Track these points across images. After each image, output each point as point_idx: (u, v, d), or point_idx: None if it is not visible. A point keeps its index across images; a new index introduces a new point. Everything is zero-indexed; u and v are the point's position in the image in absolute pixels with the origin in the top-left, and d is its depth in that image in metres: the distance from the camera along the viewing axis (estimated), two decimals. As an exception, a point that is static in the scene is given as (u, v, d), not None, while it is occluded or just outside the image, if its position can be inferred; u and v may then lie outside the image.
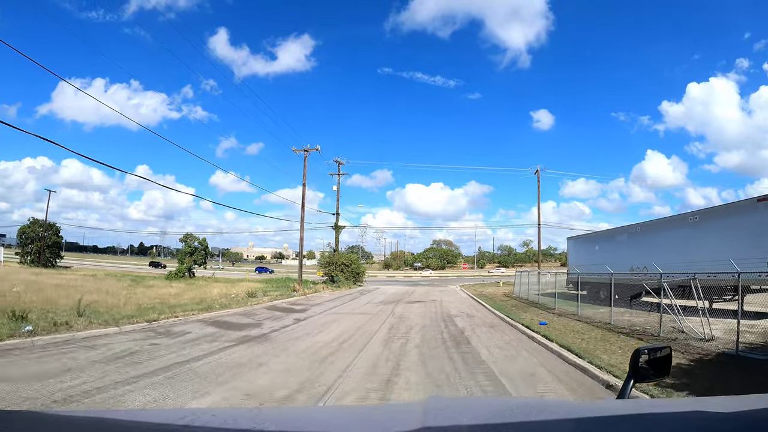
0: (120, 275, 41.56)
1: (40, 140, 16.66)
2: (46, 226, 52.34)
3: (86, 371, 7.13)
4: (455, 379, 7.20)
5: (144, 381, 6.70)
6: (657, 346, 1.95)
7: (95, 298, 17.22)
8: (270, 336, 11.60)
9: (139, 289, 25.46)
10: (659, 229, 16.45)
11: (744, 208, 12.84)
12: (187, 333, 11.64)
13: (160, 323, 12.96)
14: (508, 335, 12.29)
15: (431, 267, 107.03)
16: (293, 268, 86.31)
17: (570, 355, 8.70)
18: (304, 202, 32.88)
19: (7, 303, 13.04)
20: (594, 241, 22.54)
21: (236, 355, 8.99)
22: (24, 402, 5.39)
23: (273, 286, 31.17)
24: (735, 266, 8.54)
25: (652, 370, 1.86)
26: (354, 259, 45.16)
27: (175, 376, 7.14)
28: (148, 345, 9.80)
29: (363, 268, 46.04)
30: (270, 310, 18.10)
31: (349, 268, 40.56)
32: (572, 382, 7.18)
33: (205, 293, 23.98)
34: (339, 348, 9.98)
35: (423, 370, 7.83)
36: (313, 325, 14.18)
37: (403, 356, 9.07)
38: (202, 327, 12.82)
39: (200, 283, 34.25)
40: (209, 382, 6.78)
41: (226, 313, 16.36)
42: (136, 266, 70.13)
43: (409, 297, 28.09)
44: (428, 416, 1.15)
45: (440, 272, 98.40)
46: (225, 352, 9.18)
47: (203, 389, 6.38)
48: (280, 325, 13.73)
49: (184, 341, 10.46)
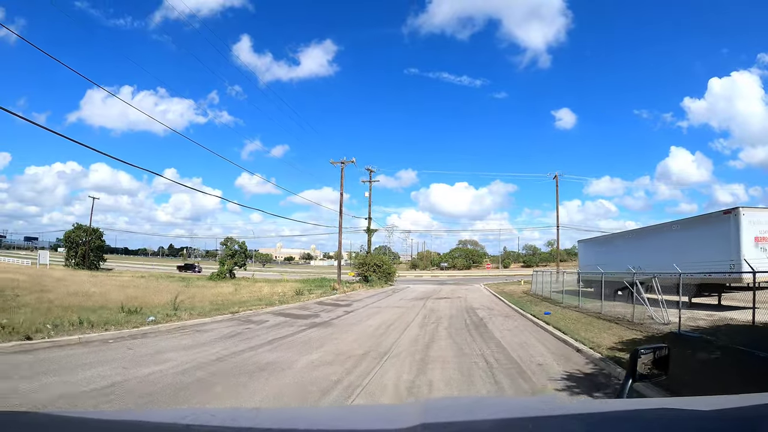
0: (165, 276, 45.97)
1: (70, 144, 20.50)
2: (90, 231, 57.44)
3: (217, 344, 10.59)
4: (473, 345, 10.48)
5: (262, 348, 10.14)
6: (655, 345, 1.99)
7: (167, 297, 20.94)
8: (331, 322, 15.06)
9: (194, 289, 29.02)
10: (650, 236, 19.29)
11: (713, 219, 15.61)
12: (265, 321, 15.17)
13: (240, 315, 16.53)
14: (517, 322, 15.45)
15: (457, 267, 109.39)
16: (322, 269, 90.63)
17: (558, 332, 11.85)
18: (342, 210, 36.61)
19: (107, 301, 16.88)
20: (599, 244, 25.38)
21: (313, 334, 12.45)
22: (215, 361, 8.79)
23: (311, 285, 34.79)
24: (677, 268, 11.48)
25: (651, 369, 1.90)
26: (385, 260, 48.66)
27: (280, 345, 10.59)
28: (243, 329, 13.31)
29: (394, 268, 49.50)
30: (320, 305, 21.63)
31: (381, 269, 44.03)
32: (553, 348, 10.34)
33: (258, 292, 27.69)
34: (387, 330, 13.35)
35: (450, 340, 11.15)
36: (360, 315, 17.61)
37: (435, 334, 12.39)
38: (274, 317, 16.34)
39: (244, 283, 37.83)
40: (307, 348, 10.22)
41: (286, 307, 19.94)
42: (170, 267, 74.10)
43: (437, 294, 31.33)
44: (428, 415, 1.20)
45: (466, 272, 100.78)
46: (304, 332, 12.65)
47: (306, 351, 9.80)
48: (335, 315, 17.20)
49: (268, 326, 13.96)
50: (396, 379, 7.32)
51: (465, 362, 8.61)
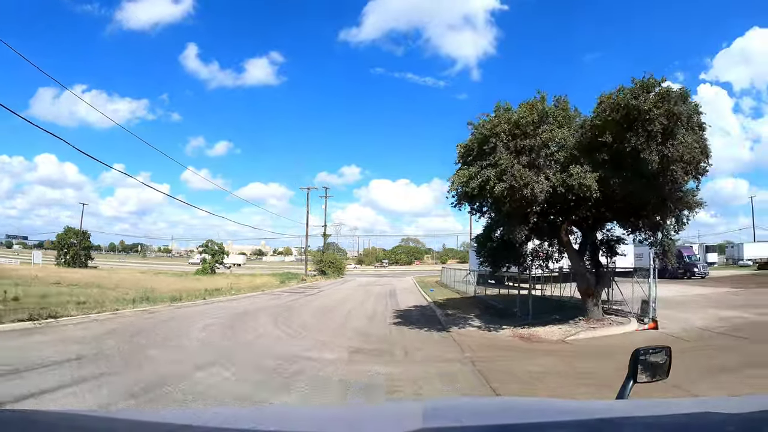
0: (154, 272, 56.32)
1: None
2: (80, 233, 66.30)
3: (272, 300, 23.72)
4: (385, 300, 24.30)
5: (294, 301, 23.32)
6: (656, 347, 2.01)
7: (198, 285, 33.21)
8: (316, 295, 28.37)
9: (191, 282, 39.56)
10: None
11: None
12: (282, 294, 28.21)
13: (267, 292, 29.39)
14: (414, 294, 29.47)
15: (399, 263, 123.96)
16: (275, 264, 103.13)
17: (428, 296, 25.97)
18: (308, 230, 49.41)
19: (173, 290, 29.16)
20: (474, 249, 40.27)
21: (311, 297, 25.79)
22: (281, 304, 22.07)
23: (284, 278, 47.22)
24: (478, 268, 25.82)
25: (651, 370, 1.93)
26: (338, 258, 62.30)
27: (301, 299, 23.84)
28: (276, 296, 26.29)
29: (344, 264, 63.13)
30: (303, 288, 34.75)
31: (334, 265, 57.47)
32: (418, 301, 24.39)
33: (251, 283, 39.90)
34: (346, 296, 27.03)
35: (375, 299, 25.03)
36: (329, 291, 31.12)
37: (370, 297, 26.22)
38: (285, 293, 29.33)
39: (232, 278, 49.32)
40: (312, 300, 23.62)
41: (285, 289, 33.01)
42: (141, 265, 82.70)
43: (375, 283, 45.19)
44: (427, 416, 1.22)
45: (406, 267, 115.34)
46: (307, 297, 25.95)
47: (313, 301, 23.15)
48: (316, 291, 30.53)
49: (287, 295, 27.06)
50: (355, 304, 20.94)
51: (380, 303, 22.41)
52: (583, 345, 10.82)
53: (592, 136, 11.25)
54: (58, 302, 14.67)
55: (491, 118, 11.25)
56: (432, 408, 1.41)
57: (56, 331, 11.15)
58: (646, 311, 12.92)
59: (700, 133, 11.08)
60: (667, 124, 10.16)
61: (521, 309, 15.48)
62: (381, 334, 12.79)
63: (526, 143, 10.59)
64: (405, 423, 1.12)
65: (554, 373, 7.96)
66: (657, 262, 14.14)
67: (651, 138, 10.15)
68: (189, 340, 10.94)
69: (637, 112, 10.31)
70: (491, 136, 10.74)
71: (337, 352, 9.70)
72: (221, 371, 7.57)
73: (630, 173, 10.83)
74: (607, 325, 12.66)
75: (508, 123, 10.79)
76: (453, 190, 11.97)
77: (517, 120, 10.73)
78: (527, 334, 12.10)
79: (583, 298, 13.71)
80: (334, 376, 7.63)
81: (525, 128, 10.58)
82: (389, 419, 1.30)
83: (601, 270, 14.28)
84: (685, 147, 10.24)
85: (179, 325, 13.18)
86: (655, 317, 12.54)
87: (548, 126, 10.98)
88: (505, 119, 10.87)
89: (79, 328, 11.71)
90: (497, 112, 11.40)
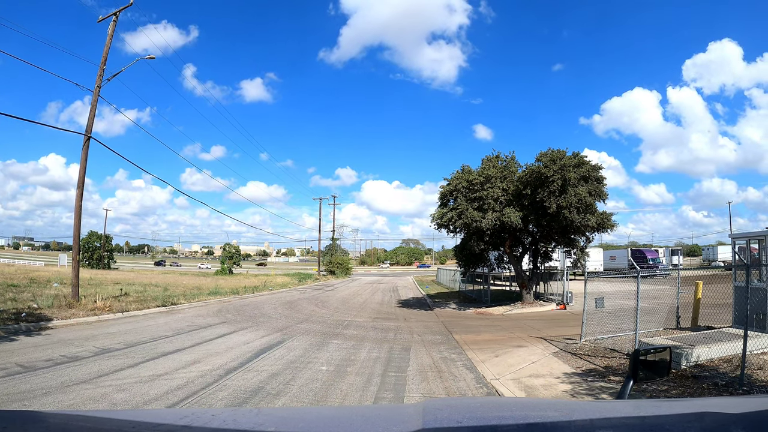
0: (179, 273, 63.46)
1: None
2: (104, 237, 73.26)
3: (303, 293, 30.81)
4: (389, 293, 31.40)
5: (321, 294, 30.38)
6: (656, 347, 2.02)
7: (233, 283, 40.31)
8: (334, 290, 35.43)
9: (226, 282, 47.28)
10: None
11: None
12: (308, 289, 35.25)
13: (293, 288, 36.43)
14: (412, 290, 36.52)
15: (400, 263, 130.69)
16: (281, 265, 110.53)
17: (423, 291, 33.06)
18: (320, 236, 56.44)
19: (219, 287, 36.30)
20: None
21: (331, 291, 32.93)
22: (310, 296, 29.23)
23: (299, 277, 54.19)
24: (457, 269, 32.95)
25: (651, 370, 1.95)
26: (346, 259, 69.44)
27: (326, 293, 30.89)
28: (303, 291, 33.36)
29: (351, 265, 70.17)
30: (320, 286, 41.79)
31: (342, 266, 64.61)
32: (415, 294, 31.44)
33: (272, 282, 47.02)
34: (357, 291, 34.12)
35: (381, 293, 32.15)
36: (343, 288, 38.20)
37: (377, 291, 33.36)
38: (310, 289, 36.35)
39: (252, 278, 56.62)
40: (336, 293, 30.69)
41: (306, 286, 40.05)
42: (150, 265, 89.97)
43: (379, 281, 52.38)
44: (427, 416, 1.22)
45: (406, 267, 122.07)
46: (328, 292, 33.09)
47: (337, 294, 30.20)
48: (332, 288, 37.59)
49: (311, 290, 34.13)
50: (367, 296, 28.04)
51: (386, 295, 29.51)
52: (511, 316, 17.86)
53: (521, 188, 18.29)
54: (171, 294, 21.69)
55: (455, 176, 18.35)
56: (432, 409, 1.40)
57: (186, 311, 18.04)
58: (563, 298, 19.95)
59: (596, 184, 17.97)
60: (562, 184, 17.16)
61: (484, 297, 22.58)
62: (389, 311, 19.89)
63: (476, 195, 17.66)
64: (405, 424, 1.15)
65: (483, 326, 14.97)
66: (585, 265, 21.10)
67: (551, 193, 17.15)
68: (275, 312, 17.97)
69: (544, 177, 17.32)
70: (455, 190, 17.85)
71: (365, 317, 16.83)
72: (311, 326, 14.56)
73: (541, 213, 17.86)
74: (535, 306, 19.69)
75: (466, 181, 17.87)
76: (434, 221, 19.06)
77: (472, 180, 17.80)
78: (482, 311, 19.21)
79: (520, 290, 20.78)
80: (368, 325, 14.72)
81: (475, 186, 17.67)
82: (389, 420, 1.33)
83: (535, 271, 21.34)
84: (575, 197, 17.13)
85: (258, 306, 20.18)
86: (566, 302, 19.53)
87: (490, 184, 18.03)
88: (465, 179, 17.96)
89: (199, 309, 18.70)
90: (460, 173, 18.50)
